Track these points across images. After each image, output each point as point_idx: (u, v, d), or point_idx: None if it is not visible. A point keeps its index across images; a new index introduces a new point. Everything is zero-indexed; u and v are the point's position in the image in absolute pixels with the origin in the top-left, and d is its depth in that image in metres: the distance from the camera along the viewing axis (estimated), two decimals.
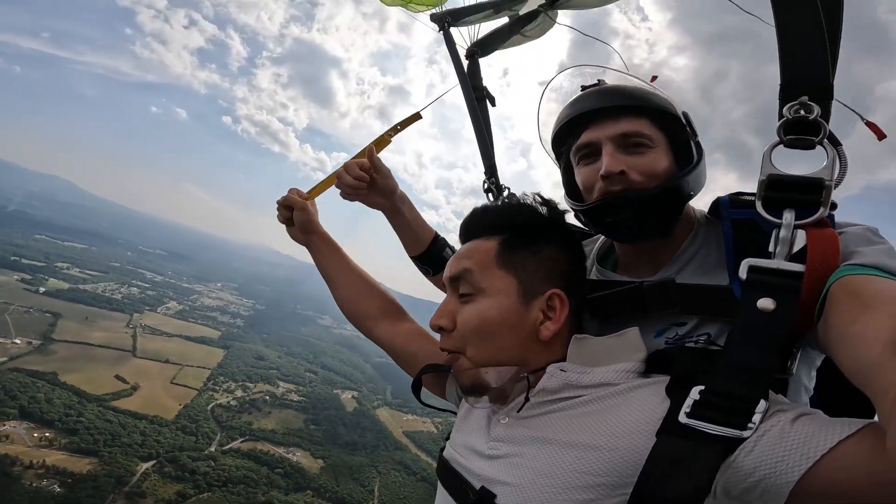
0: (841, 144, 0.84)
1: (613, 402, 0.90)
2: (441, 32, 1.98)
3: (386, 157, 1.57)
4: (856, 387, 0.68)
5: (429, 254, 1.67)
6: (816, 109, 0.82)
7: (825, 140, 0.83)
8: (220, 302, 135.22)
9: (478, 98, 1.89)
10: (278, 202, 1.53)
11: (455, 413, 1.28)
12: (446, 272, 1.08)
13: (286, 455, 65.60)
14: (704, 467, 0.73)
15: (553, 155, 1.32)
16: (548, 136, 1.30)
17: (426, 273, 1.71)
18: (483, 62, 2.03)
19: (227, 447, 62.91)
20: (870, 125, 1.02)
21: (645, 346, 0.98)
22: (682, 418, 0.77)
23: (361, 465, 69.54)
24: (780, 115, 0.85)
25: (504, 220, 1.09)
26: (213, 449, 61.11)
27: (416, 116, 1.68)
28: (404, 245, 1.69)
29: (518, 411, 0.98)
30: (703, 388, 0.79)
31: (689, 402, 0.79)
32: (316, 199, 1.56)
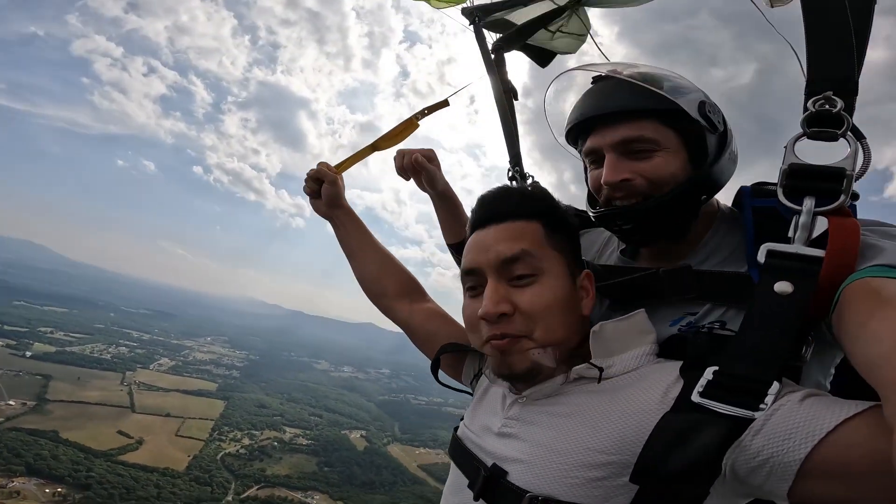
0: (865, 138, 0.86)
1: (628, 382, 0.92)
2: (471, 27, 2.04)
3: (362, 196, 1.44)
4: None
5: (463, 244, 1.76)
6: (840, 103, 0.84)
7: (848, 133, 0.85)
8: (212, 355, 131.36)
9: (504, 91, 1.96)
10: (308, 174, 1.55)
11: (471, 394, 1.31)
12: (490, 256, 1.00)
13: (305, 499, 63.40)
14: (712, 444, 0.74)
15: (574, 150, 1.28)
16: (562, 133, 1.26)
17: (459, 262, 1.80)
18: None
19: (245, 495, 60.65)
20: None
21: (658, 332, 1.01)
22: (695, 397, 0.79)
23: None
24: (805, 109, 0.87)
25: (543, 205, 1.07)
26: (230, 498, 58.86)
27: (444, 103, 1.70)
28: (444, 231, 1.71)
29: (547, 397, 0.99)
30: (716, 368, 0.80)
31: (702, 381, 0.80)
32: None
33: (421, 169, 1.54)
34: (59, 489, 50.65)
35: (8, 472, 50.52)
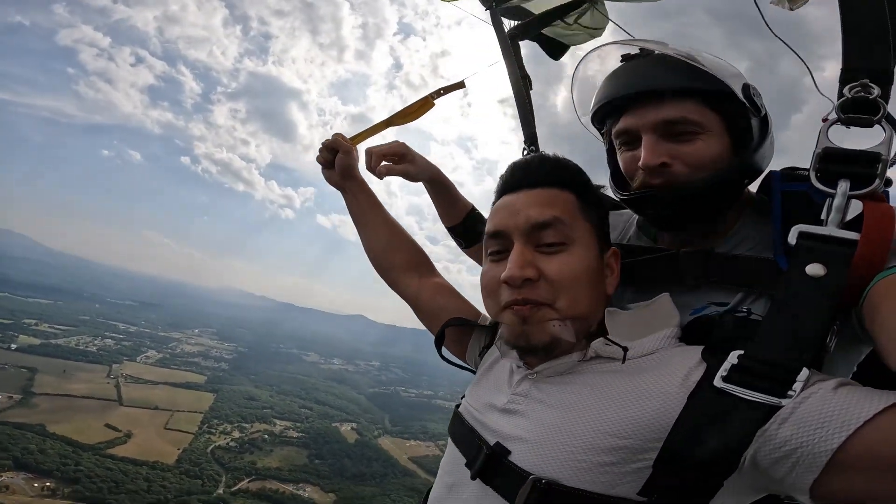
0: None
1: (647, 365, 0.89)
2: (488, 12, 2.03)
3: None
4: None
5: (464, 225, 1.67)
6: (877, 90, 0.84)
7: (883, 119, 0.84)
8: (200, 347, 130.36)
9: (522, 76, 1.97)
10: (323, 143, 1.52)
11: (474, 372, 1.29)
12: (519, 220, 0.96)
13: (296, 492, 63.30)
14: (737, 433, 0.71)
15: (595, 131, 1.25)
16: (586, 111, 1.22)
17: (460, 244, 1.73)
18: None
19: (236, 488, 60.38)
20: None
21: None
22: (718, 382, 0.76)
23: (373, 496, 67.32)
24: (840, 96, 0.87)
25: (577, 177, 1.03)
26: (221, 491, 58.41)
27: (461, 84, 1.72)
28: (441, 216, 1.70)
29: (562, 374, 0.96)
30: (742, 352, 0.77)
31: (726, 365, 0.77)
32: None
33: (391, 172, 1.51)
34: (48, 483, 50.05)
35: None
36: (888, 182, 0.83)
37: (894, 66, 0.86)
